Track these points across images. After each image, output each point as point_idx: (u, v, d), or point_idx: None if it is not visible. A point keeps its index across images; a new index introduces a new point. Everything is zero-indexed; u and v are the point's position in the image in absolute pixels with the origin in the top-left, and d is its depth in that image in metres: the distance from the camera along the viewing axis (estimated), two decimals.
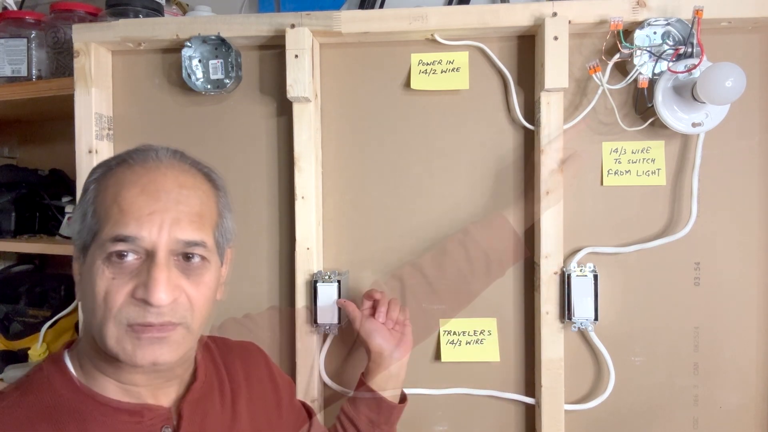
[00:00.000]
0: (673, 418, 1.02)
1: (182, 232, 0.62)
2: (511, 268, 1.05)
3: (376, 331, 0.94)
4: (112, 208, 0.61)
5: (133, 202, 0.61)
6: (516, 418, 1.06)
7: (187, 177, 0.66)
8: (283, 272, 1.09)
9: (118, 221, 0.60)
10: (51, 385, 0.63)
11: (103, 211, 0.62)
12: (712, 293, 1.01)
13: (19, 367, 1.30)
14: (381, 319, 0.95)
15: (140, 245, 0.60)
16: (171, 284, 0.60)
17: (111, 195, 0.62)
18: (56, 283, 1.39)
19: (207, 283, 0.65)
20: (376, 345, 0.93)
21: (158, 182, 0.63)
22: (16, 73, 1.29)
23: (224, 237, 0.70)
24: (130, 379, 0.64)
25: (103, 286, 0.60)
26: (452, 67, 1.04)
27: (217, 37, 1.03)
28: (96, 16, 1.25)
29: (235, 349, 0.83)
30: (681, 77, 0.93)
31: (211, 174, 0.70)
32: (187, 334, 0.63)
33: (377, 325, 0.94)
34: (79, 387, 0.63)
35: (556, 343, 0.99)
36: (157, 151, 0.66)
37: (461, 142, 1.05)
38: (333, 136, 1.08)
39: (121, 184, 0.63)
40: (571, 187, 1.01)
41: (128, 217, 0.60)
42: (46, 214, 1.45)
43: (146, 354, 0.60)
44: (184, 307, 0.62)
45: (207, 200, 0.67)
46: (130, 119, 1.12)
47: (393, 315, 0.96)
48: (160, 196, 0.62)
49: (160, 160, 0.65)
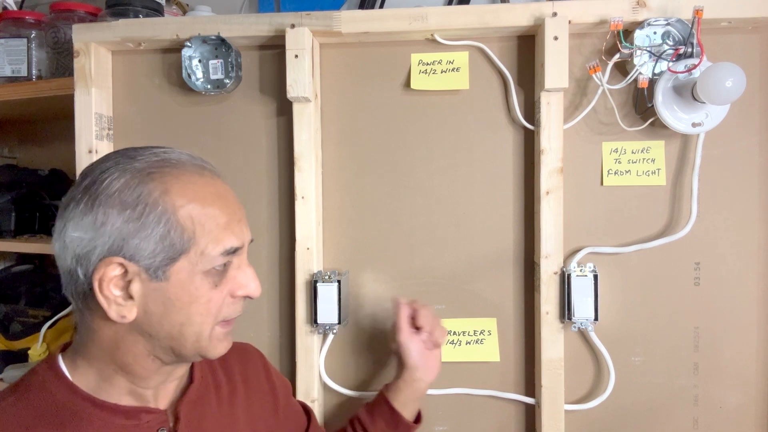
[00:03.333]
0: (673, 418, 1.02)
1: (249, 232, 0.68)
2: (510, 268, 1.05)
3: (418, 349, 0.92)
4: (204, 219, 0.61)
5: (222, 211, 0.63)
6: (516, 418, 1.06)
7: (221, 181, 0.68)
8: (283, 272, 1.09)
9: (221, 234, 0.62)
10: (46, 388, 0.63)
11: (194, 224, 0.61)
12: (712, 293, 1.01)
13: (19, 367, 1.30)
14: (424, 337, 0.93)
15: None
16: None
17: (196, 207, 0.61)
18: (56, 283, 1.37)
19: None
20: (414, 362, 0.92)
21: (218, 185, 0.65)
22: (16, 73, 1.29)
23: None
24: (146, 383, 0.65)
25: (207, 295, 0.62)
26: (452, 67, 1.04)
27: (217, 37, 1.03)
28: (96, 16, 1.25)
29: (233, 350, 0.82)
30: (681, 77, 0.93)
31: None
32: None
33: (420, 344, 0.93)
34: (75, 389, 0.63)
35: (556, 343, 1.00)
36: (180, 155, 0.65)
37: (461, 142, 1.05)
38: (333, 136, 1.08)
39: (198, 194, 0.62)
40: (570, 187, 1.01)
41: (230, 227, 0.63)
42: (46, 214, 1.45)
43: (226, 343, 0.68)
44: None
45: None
46: (130, 119, 1.12)
47: (438, 339, 0.93)
48: (229, 199, 0.65)
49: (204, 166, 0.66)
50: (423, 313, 0.93)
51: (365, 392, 1.07)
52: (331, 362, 1.08)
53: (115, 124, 1.12)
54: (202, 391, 0.72)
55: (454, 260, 1.06)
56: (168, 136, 1.10)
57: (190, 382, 0.72)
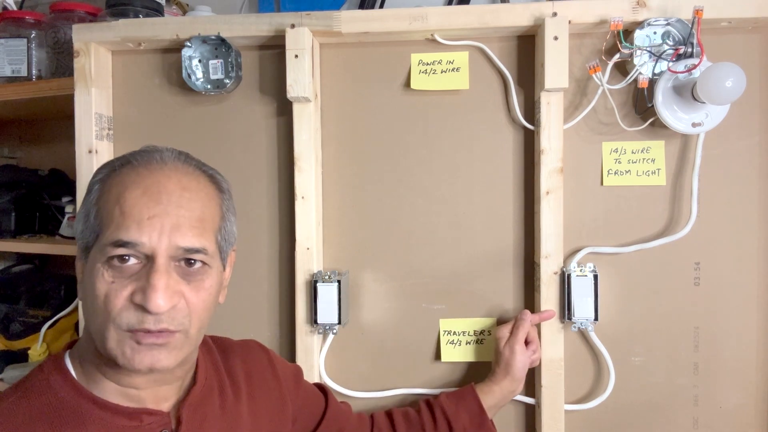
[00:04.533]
0: (673, 418, 1.02)
1: (182, 238, 0.61)
2: (510, 268, 1.05)
3: (524, 362, 0.96)
4: (114, 210, 0.61)
5: (134, 204, 0.60)
6: (516, 418, 1.06)
7: (190, 179, 0.65)
8: (283, 272, 1.09)
9: (119, 224, 0.60)
10: (50, 387, 0.63)
11: (106, 212, 0.62)
12: (712, 293, 1.01)
13: (19, 367, 1.30)
14: (531, 355, 0.97)
15: (140, 250, 0.60)
16: (170, 291, 0.60)
17: (114, 196, 0.62)
18: (56, 283, 1.39)
19: (208, 289, 0.64)
20: (518, 373, 0.95)
21: (161, 184, 0.62)
22: (16, 73, 1.29)
23: (227, 240, 0.69)
24: (130, 382, 0.64)
25: (102, 289, 0.59)
26: (452, 67, 1.04)
27: (217, 37, 1.03)
28: (96, 16, 1.25)
29: (236, 349, 0.82)
30: (681, 77, 0.93)
31: (215, 176, 0.69)
32: (185, 340, 0.63)
33: (527, 359, 0.96)
34: (79, 389, 0.63)
35: (556, 343, 1.00)
36: (162, 152, 0.66)
37: (461, 142, 1.05)
38: (333, 136, 1.08)
39: (123, 186, 0.62)
40: (570, 187, 1.01)
41: (129, 221, 0.60)
42: (46, 214, 1.45)
43: (144, 359, 0.60)
44: (182, 313, 0.61)
45: (210, 203, 0.66)
46: (130, 119, 1.12)
47: (536, 361, 1.00)
48: (161, 198, 0.61)
49: (164, 161, 0.65)
50: (533, 330, 0.99)
51: (365, 392, 1.07)
52: (331, 362, 1.08)
53: (115, 124, 1.12)
54: (205, 393, 0.72)
55: (454, 260, 1.06)
56: (168, 136, 1.10)
57: (193, 383, 0.71)
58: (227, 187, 0.70)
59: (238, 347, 0.83)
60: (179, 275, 0.62)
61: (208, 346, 0.79)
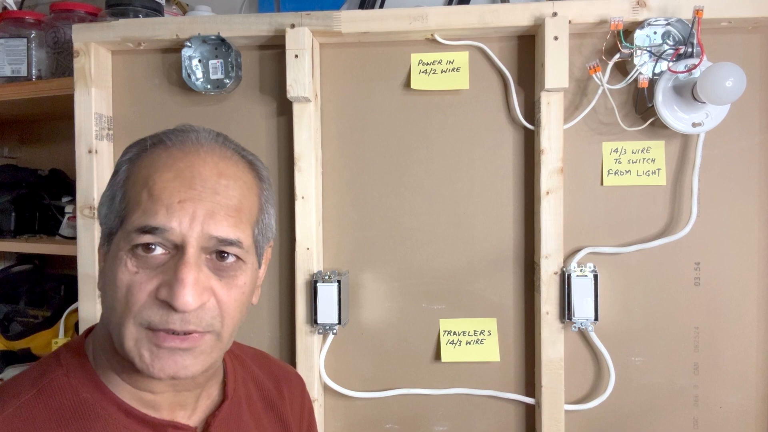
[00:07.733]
0: (673, 418, 1.02)
1: (217, 227, 0.54)
2: (510, 268, 1.05)
3: None
4: (141, 193, 0.55)
5: (164, 187, 0.54)
6: (516, 418, 1.06)
7: (228, 164, 0.58)
8: (283, 272, 1.09)
9: (147, 209, 0.54)
10: (71, 385, 0.57)
11: (132, 195, 0.56)
12: (712, 293, 1.01)
13: (19, 368, 1.30)
14: None
15: (168, 238, 0.53)
16: (199, 287, 0.53)
17: (142, 178, 0.56)
18: (56, 283, 1.39)
19: (241, 287, 0.57)
20: None
21: (195, 167, 0.56)
22: (16, 73, 1.29)
23: (264, 235, 0.63)
24: (146, 386, 0.58)
25: (125, 280, 0.53)
26: (452, 67, 1.04)
27: (217, 37, 1.02)
28: (96, 16, 1.25)
29: (278, 372, 0.78)
30: (681, 77, 0.93)
31: (255, 162, 0.63)
32: (216, 343, 0.56)
33: None
34: (104, 391, 0.58)
35: (556, 343, 1.00)
36: (198, 132, 0.60)
37: (461, 142, 1.05)
38: (333, 136, 1.08)
39: (154, 167, 0.56)
40: (570, 187, 1.01)
41: (158, 205, 0.53)
42: (46, 214, 1.45)
43: (165, 366, 0.53)
44: (211, 313, 0.55)
45: (248, 192, 0.60)
46: (130, 119, 1.12)
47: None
48: (195, 183, 0.55)
49: (200, 143, 0.58)
50: None
51: (365, 392, 1.07)
52: (331, 362, 1.08)
53: (115, 124, 1.12)
54: (234, 408, 0.67)
55: (454, 260, 1.06)
56: None
57: (223, 399, 0.66)
58: (267, 176, 0.64)
59: (280, 372, 0.79)
60: (210, 270, 0.55)
61: (242, 360, 0.73)
